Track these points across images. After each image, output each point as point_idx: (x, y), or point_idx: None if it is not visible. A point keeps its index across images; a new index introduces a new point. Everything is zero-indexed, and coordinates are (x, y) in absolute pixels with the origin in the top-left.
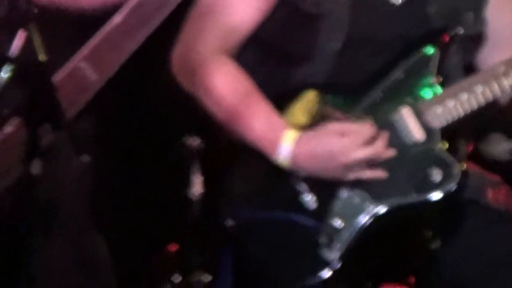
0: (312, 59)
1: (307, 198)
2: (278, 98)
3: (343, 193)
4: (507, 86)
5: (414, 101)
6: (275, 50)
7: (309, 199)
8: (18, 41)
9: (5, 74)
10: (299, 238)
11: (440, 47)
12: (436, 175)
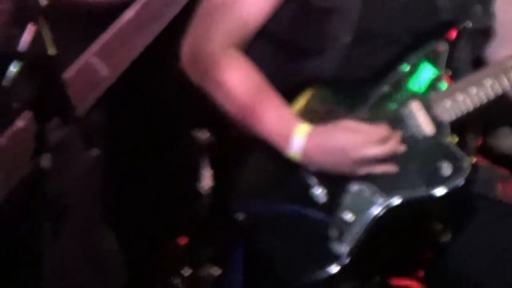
0: (321, 53)
1: (317, 192)
2: (288, 92)
3: (353, 187)
4: None
5: (423, 95)
6: (284, 44)
7: (319, 192)
8: (28, 35)
9: (14, 68)
10: (309, 231)
11: (449, 41)
12: (446, 169)
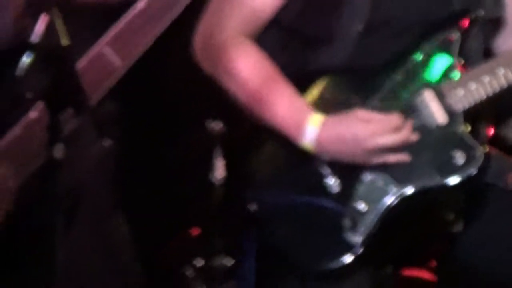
0: (333, 42)
1: (330, 182)
2: (300, 82)
3: (367, 176)
4: None
5: (436, 84)
6: (296, 33)
7: (333, 182)
8: (41, 26)
9: (27, 58)
10: (322, 221)
11: (461, 29)
12: (459, 158)
